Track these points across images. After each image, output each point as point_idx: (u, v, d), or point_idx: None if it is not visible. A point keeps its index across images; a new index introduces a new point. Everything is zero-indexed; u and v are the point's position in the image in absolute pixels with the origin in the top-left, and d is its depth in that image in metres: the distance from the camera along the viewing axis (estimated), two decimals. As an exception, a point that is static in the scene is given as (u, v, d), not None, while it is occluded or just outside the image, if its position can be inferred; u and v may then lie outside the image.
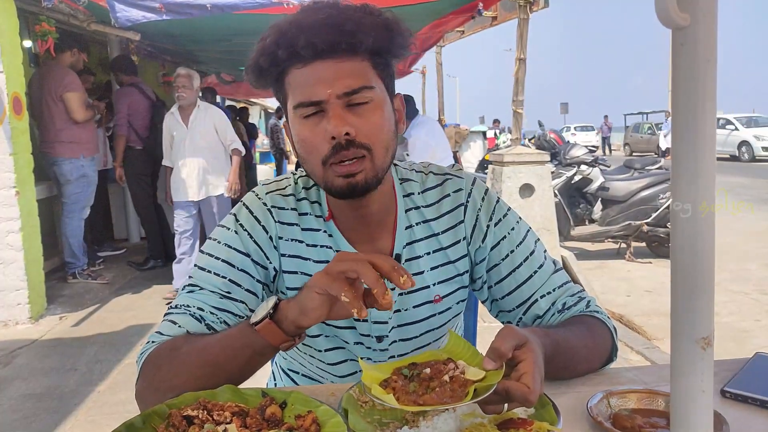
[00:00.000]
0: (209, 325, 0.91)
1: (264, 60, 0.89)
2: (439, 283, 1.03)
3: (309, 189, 1.03)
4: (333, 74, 0.86)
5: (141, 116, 5.17)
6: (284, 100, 0.93)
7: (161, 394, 0.84)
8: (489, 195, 1.06)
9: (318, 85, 0.86)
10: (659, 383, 0.91)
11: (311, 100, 0.87)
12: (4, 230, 3.86)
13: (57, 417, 2.64)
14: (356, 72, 0.87)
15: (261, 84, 0.94)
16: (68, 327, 3.89)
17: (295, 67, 0.88)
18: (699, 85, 0.49)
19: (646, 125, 24.97)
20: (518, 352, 0.73)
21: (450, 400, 0.69)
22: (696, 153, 0.50)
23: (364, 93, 0.88)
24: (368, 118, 0.88)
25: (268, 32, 0.89)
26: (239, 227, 0.98)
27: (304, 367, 1.12)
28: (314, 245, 0.99)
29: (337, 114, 0.86)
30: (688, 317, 0.52)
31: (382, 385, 0.73)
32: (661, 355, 3.27)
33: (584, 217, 5.85)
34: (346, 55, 0.86)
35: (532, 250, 1.03)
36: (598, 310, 1.02)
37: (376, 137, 0.89)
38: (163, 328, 0.92)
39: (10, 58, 3.85)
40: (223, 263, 0.95)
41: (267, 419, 0.75)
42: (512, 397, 0.70)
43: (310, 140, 0.89)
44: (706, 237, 0.51)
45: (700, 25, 0.48)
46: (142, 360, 0.91)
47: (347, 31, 0.85)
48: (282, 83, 0.91)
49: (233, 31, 5.52)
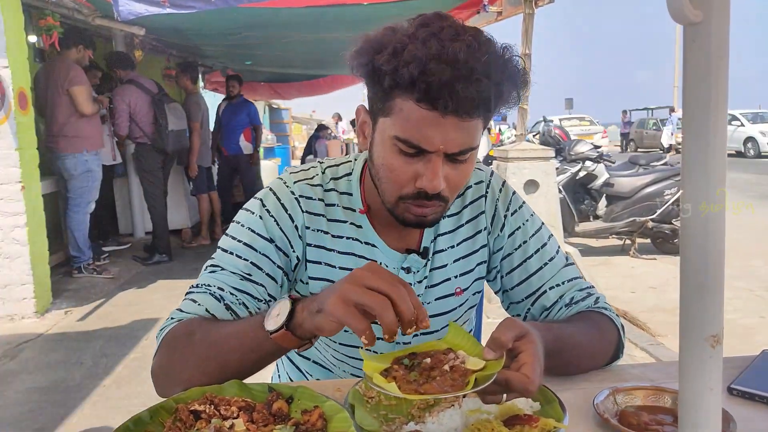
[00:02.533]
0: (228, 305, 0.91)
1: (389, 79, 0.81)
2: (460, 275, 1.05)
3: (338, 179, 1.03)
4: (451, 132, 0.82)
5: (143, 112, 5.17)
6: (382, 110, 0.86)
7: (171, 381, 0.86)
8: (506, 186, 1.10)
9: (433, 137, 0.82)
10: (665, 380, 0.91)
11: (420, 146, 0.83)
12: (10, 225, 3.87)
13: (63, 411, 2.66)
14: (471, 132, 0.84)
15: (359, 74, 0.87)
16: (74, 321, 3.90)
17: (417, 103, 0.81)
18: (711, 82, 0.49)
19: (651, 121, 24.87)
20: (518, 343, 0.74)
21: (450, 389, 0.68)
22: (707, 151, 0.50)
23: (468, 153, 0.86)
24: (459, 174, 0.88)
25: (405, 44, 0.80)
26: (265, 212, 0.98)
27: (319, 353, 1.11)
28: (340, 236, 1.00)
29: (437, 170, 0.84)
30: (697, 315, 0.52)
31: (383, 375, 0.73)
32: (665, 351, 3.26)
33: (589, 213, 5.83)
34: (469, 117, 0.82)
35: (545, 243, 1.06)
36: (606, 307, 1.02)
37: (458, 190, 0.91)
38: (184, 305, 0.92)
39: (15, 54, 3.86)
40: (246, 246, 0.96)
41: (274, 414, 0.75)
42: (512, 387, 0.71)
43: (398, 174, 0.87)
44: (716, 235, 0.51)
45: (712, 21, 0.48)
46: (161, 337, 0.91)
47: (486, 101, 0.81)
48: (390, 99, 0.84)
49: (239, 25, 5.52)
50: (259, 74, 10.18)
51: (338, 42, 6.63)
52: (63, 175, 4.63)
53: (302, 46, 7.04)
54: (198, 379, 0.83)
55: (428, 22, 0.82)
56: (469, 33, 0.81)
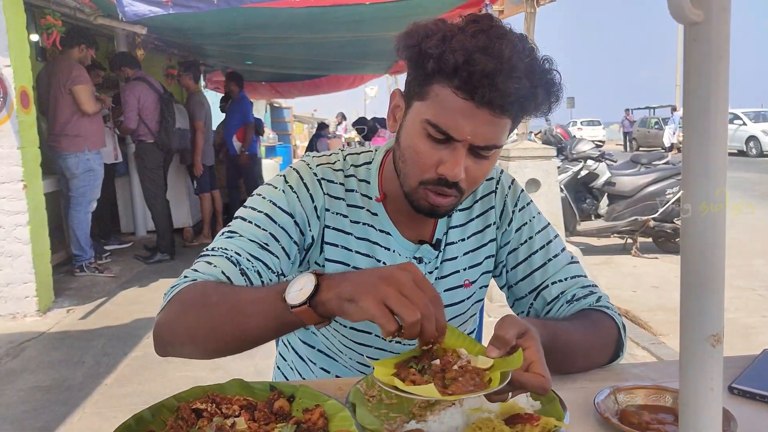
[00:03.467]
0: (243, 271, 0.90)
1: (433, 64, 0.84)
2: (469, 268, 1.08)
3: (358, 167, 1.05)
4: (482, 125, 0.85)
5: (150, 109, 5.18)
6: (418, 93, 0.89)
7: (179, 340, 0.84)
8: (515, 183, 1.13)
9: (463, 126, 0.85)
10: (666, 379, 0.91)
11: (448, 133, 0.86)
12: (12, 224, 3.88)
13: (65, 409, 2.66)
14: (500, 129, 0.87)
15: (406, 59, 0.89)
16: (75, 320, 3.91)
17: (455, 91, 0.84)
18: (711, 82, 0.49)
19: (653, 120, 24.83)
20: (520, 340, 0.74)
21: (475, 389, 0.68)
22: (707, 151, 0.50)
23: (492, 150, 0.89)
24: (479, 170, 0.91)
25: (455, 33, 0.83)
26: (288, 188, 1.00)
27: (326, 339, 1.11)
28: (357, 222, 1.03)
29: (460, 159, 0.87)
30: (697, 314, 0.52)
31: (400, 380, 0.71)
32: (667, 350, 3.26)
33: (590, 212, 5.83)
34: (502, 114, 0.85)
35: (550, 240, 1.08)
36: (608, 306, 1.02)
37: (475, 186, 0.94)
38: (199, 266, 0.90)
39: (17, 52, 3.86)
40: (266, 217, 0.96)
41: (275, 413, 0.75)
42: (527, 386, 0.70)
43: (422, 157, 0.90)
44: (717, 234, 0.51)
45: (713, 21, 0.48)
46: (172, 293, 0.87)
47: (523, 101, 0.84)
48: (429, 84, 0.87)
49: (240, 25, 5.52)
50: (260, 74, 10.18)
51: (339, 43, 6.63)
52: (65, 174, 4.63)
53: (303, 47, 7.05)
54: (212, 342, 0.81)
55: (479, 20, 0.86)
56: (516, 36, 0.85)
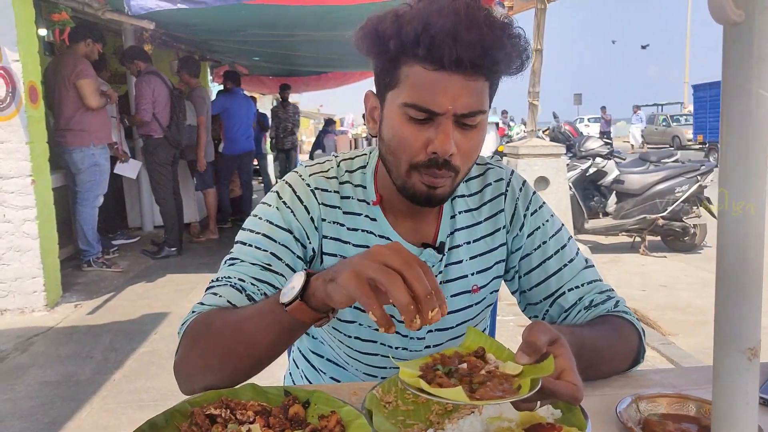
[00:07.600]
0: (250, 296, 0.90)
1: (394, 42, 0.84)
2: (477, 273, 1.04)
3: (353, 172, 1.03)
4: (459, 91, 0.83)
5: (163, 104, 5.17)
6: (389, 83, 0.89)
7: (196, 373, 0.85)
8: (526, 185, 1.09)
9: (442, 97, 0.83)
10: (689, 387, 0.89)
11: (429, 109, 0.85)
12: (20, 218, 3.89)
13: (73, 404, 2.67)
14: (478, 93, 0.85)
15: (368, 52, 0.89)
16: (83, 315, 3.92)
17: (422, 65, 0.83)
18: (752, 84, 0.47)
19: (662, 117, 24.68)
20: (551, 347, 0.71)
21: (503, 395, 0.65)
22: (748, 153, 0.48)
23: (477, 117, 0.87)
24: (470, 142, 0.88)
25: (406, 10, 0.84)
26: (281, 204, 0.98)
27: (332, 350, 1.10)
28: (355, 229, 1.00)
29: (448, 133, 0.85)
30: (733, 326, 0.50)
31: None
32: (676, 350, 3.23)
33: (598, 210, 5.79)
34: (475, 73, 0.83)
35: (564, 244, 1.05)
36: (626, 311, 1.00)
37: (470, 161, 0.91)
38: (206, 299, 0.92)
39: (25, 47, 3.86)
40: (264, 237, 0.96)
41: (290, 419, 0.74)
42: (558, 395, 0.68)
43: (409, 142, 0.88)
44: (755, 239, 0.49)
45: (755, 21, 0.46)
46: (182, 331, 0.90)
47: (490, 52, 0.82)
48: (397, 68, 0.86)
49: (246, 23, 5.50)
50: (267, 68, 10.17)
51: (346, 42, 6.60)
52: (71, 168, 4.64)
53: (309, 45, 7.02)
54: (228, 366, 0.83)
55: None
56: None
